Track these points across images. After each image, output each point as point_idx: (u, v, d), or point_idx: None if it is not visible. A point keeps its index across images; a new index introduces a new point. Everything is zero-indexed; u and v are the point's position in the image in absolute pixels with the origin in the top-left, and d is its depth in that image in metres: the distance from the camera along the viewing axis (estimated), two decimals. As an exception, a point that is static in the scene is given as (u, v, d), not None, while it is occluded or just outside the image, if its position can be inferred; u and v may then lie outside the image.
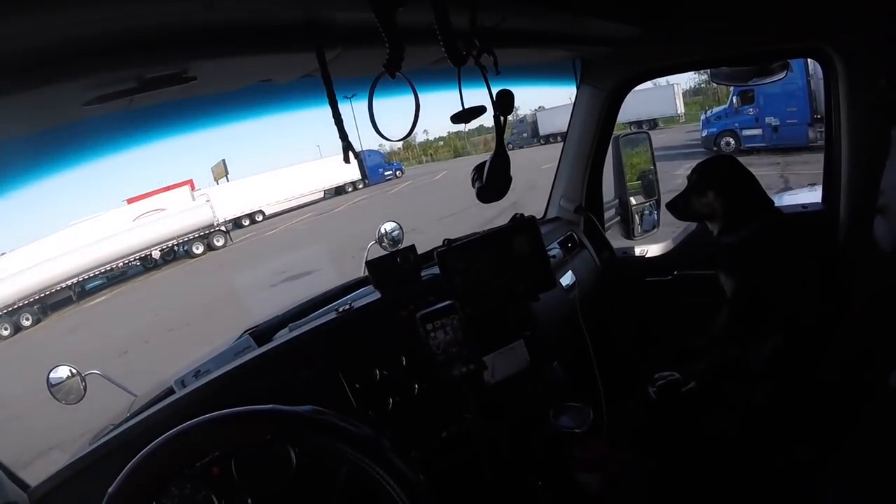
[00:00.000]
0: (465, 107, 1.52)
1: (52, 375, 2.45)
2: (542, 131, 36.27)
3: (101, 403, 2.63)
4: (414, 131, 1.51)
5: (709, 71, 3.41)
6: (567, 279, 2.92)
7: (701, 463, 2.43)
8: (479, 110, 1.55)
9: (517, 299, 2.32)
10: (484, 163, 1.81)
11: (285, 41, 1.47)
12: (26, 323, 21.32)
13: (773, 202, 2.65)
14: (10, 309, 21.22)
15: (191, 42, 1.31)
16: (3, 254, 24.27)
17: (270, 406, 1.43)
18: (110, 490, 1.31)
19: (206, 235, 25.25)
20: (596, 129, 3.23)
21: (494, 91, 1.55)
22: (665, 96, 30.57)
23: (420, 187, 28.66)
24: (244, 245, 24.53)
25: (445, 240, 2.25)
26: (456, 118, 1.55)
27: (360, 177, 33.12)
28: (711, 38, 2.75)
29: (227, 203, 26.90)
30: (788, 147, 16.95)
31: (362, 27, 1.35)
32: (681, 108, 32.25)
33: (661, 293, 3.33)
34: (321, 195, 32.07)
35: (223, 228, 25.97)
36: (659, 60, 3.02)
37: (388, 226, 3.14)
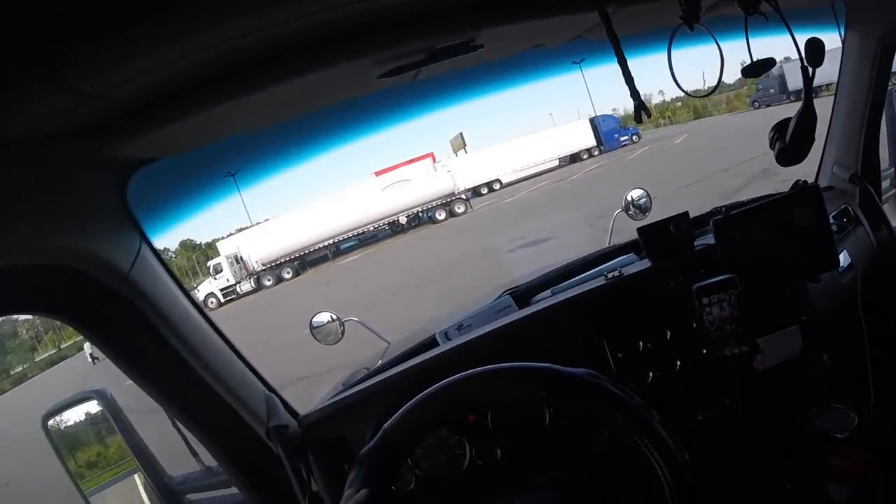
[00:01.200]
0: (753, 60, 1.41)
1: (314, 319, 2.65)
2: (792, 86, 31.86)
3: (345, 346, 2.80)
4: (719, 85, 1.43)
5: None
6: (842, 260, 2.47)
7: None
8: (769, 63, 1.42)
9: (797, 277, 2.07)
10: (787, 120, 1.64)
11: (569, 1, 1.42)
12: (287, 276, 25.48)
13: None
14: (274, 264, 25.30)
15: (480, 9, 1.31)
16: (267, 219, 28.58)
17: (548, 365, 1.46)
18: (386, 425, 1.45)
19: (447, 203, 26.75)
20: (869, 82, 2.70)
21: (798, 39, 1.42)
22: None
23: (658, 153, 27.17)
24: (483, 211, 25.32)
25: (720, 206, 2.12)
26: (747, 71, 1.45)
27: (594, 143, 32.47)
28: None
29: (466, 173, 28.06)
30: None
31: None
32: None
33: None
34: (556, 163, 31.77)
35: (463, 196, 27.21)
36: None
37: (635, 193, 2.96)
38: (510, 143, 31.28)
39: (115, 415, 1.96)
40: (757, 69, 1.43)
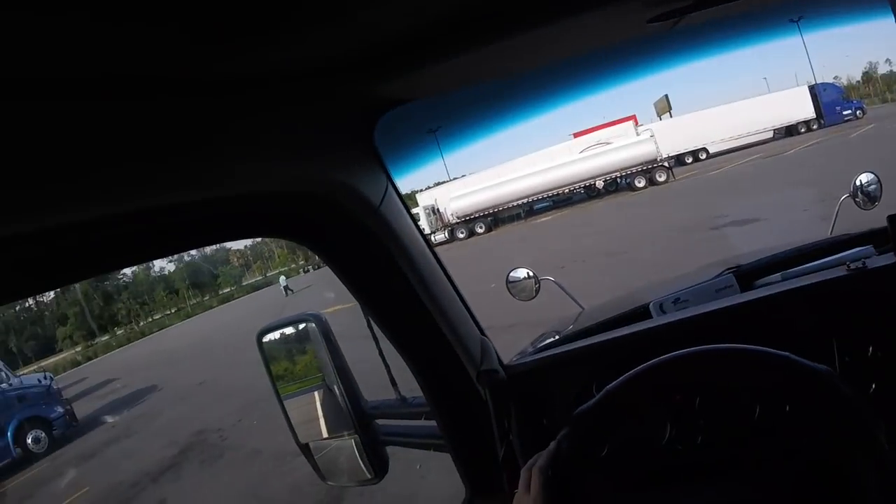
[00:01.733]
0: None
1: (511, 274, 2.73)
2: None
3: (530, 305, 2.89)
4: None
5: None
6: None
7: None
8: None
9: None
10: None
11: None
12: (480, 230, 26.91)
13: None
14: (468, 218, 26.74)
15: None
16: (464, 175, 29.72)
17: (787, 353, 1.35)
18: (609, 387, 1.42)
19: (648, 170, 26.06)
20: None
21: None
22: None
23: (888, 132, 24.52)
24: (686, 182, 24.51)
25: None
26: None
27: (813, 115, 29.82)
28: None
29: (670, 139, 27.11)
30: None
31: None
32: None
33: None
34: (770, 135, 29.89)
35: (666, 164, 26.42)
36: None
37: (865, 177, 2.66)
38: (719, 109, 29.62)
39: (326, 337, 2.02)
40: None
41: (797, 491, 1.35)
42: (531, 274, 2.73)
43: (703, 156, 29.05)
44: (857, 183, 2.60)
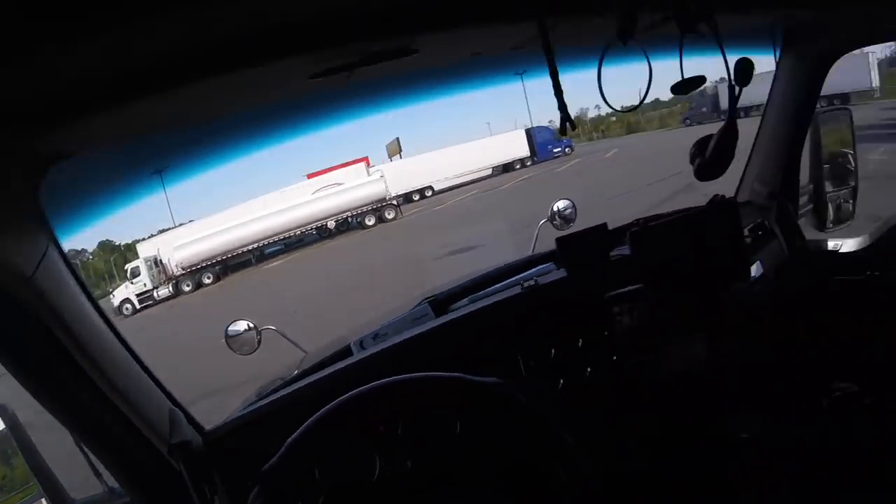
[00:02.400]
0: (684, 77, 1.46)
1: (230, 328, 2.59)
2: (724, 105, 32.38)
3: (264, 356, 2.75)
4: (645, 100, 1.51)
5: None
6: (755, 270, 2.67)
7: (876, 483, 2.20)
8: (699, 81, 1.47)
9: (708, 288, 2.18)
10: (708, 137, 1.71)
11: (507, 10, 1.43)
12: (207, 281, 24.35)
13: None
14: (195, 268, 24.30)
15: (416, 14, 1.32)
16: (191, 220, 27.60)
17: (458, 374, 1.47)
18: (290, 439, 1.42)
19: (377, 209, 26.38)
20: (797, 104, 2.87)
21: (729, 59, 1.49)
22: (857, 67, 26.28)
23: (590, 165, 27.93)
24: (413, 218, 25.32)
25: (639, 219, 2.16)
26: (676, 89, 1.48)
27: (528, 153, 33.05)
28: None
29: (399, 178, 27.87)
30: None
31: None
32: (876, 81, 28.06)
33: (851, 295, 2.92)
34: (489, 172, 32.14)
35: (394, 202, 26.99)
36: (874, 23, 2.57)
37: (561, 203, 3.07)
38: (445, 151, 31.39)
39: (15, 432, 1.89)
40: (687, 86, 1.48)
41: (504, 493, 1.50)
42: (251, 325, 2.63)
43: (430, 193, 30.18)
44: (555, 208, 2.98)
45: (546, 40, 1.38)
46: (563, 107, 1.40)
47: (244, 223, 24.97)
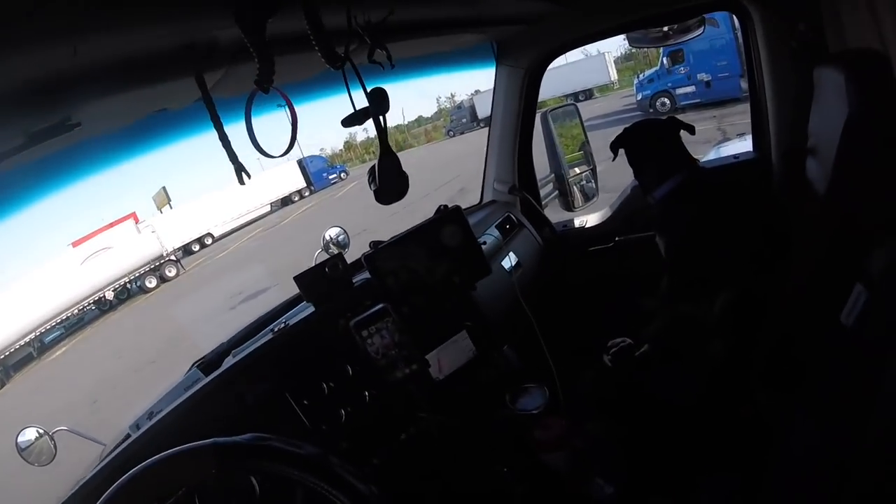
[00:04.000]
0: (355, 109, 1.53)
1: (20, 439, 2.37)
2: (481, 114, 35.84)
3: (77, 457, 2.55)
4: (293, 146, 1.52)
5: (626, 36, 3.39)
6: (509, 262, 2.91)
7: (667, 426, 2.43)
8: (365, 112, 1.54)
9: (454, 291, 2.33)
10: (373, 166, 1.78)
11: (166, 69, 1.44)
12: None
13: (692, 159, 2.71)
14: None
15: (67, 87, 1.27)
16: None
17: (210, 440, 1.41)
18: None
19: (157, 268, 24.78)
20: (519, 108, 3.22)
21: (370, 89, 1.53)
22: (597, 65, 30.60)
23: (367, 186, 27.77)
24: (197, 271, 24.24)
25: (371, 242, 2.26)
26: (346, 121, 1.55)
27: (304, 184, 33.21)
28: (622, 2, 2.76)
29: (173, 231, 26.43)
30: (723, 100, 17.55)
31: (239, 44, 1.32)
32: (614, 76, 32.48)
33: (606, 261, 3.34)
34: (268, 208, 31.77)
35: (173, 258, 25.53)
36: (572, 32, 3.01)
37: (333, 231, 3.11)
38: (218, 193, 30.02)
39: None
40: (355, 119, 1.56)
41: None
42: (41, 431, 2.39)
43: (210, 241, 29.00)
44: (327, 237, 2.98)
45: (206, 93, 1.46)
46: (233, 156, 1.49)
47: (10, 313, 22.06)
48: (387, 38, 1.48)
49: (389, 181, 1.78)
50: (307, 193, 33.11)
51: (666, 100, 19.73)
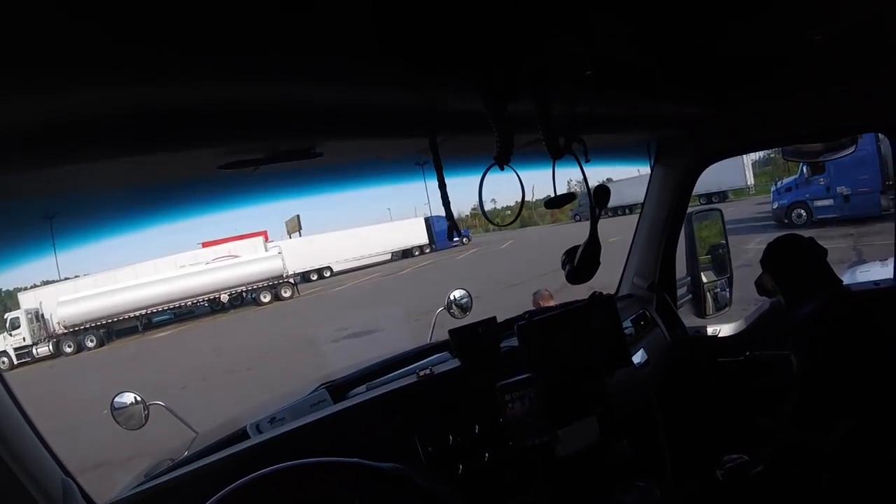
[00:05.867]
0: (557, 193, 1.68)
1: (117, 400, 2.53)
2: (611, 203, 34.77)
3: (153, 432, 2.71)
4: (519, 217, 1.79)
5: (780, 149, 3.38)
6: (639, 357, 2.86)
7: None
8: (569, 197, 1.70)
9: (593, 375, 2.33)
10: (576, 248, 1.94)
11: (403, 125, 1.63)
12: (90, 344, 22.76)
13: (838, 280, 2.65)
14: (77, 329, 22.65)
15: (322, 122, 1.47)
16: (77, 276, 25.70)
17: (357, 460, 1.49)
18: None
19: (274, 285, 25.85)
20: (670, 207, 3.22)
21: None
22: (734, 168, 29.00)
23: (486, 255, 28.66)
24: (310, 298, 24.85)
25: (526, 312, 2.34)
26: (549, 204, 1.71)
27: (426, 241, 33.82)
28: (782, 117, 2.78)
29: (297, 256, 27.64)
30: (861, 217, 16.13)
31: (470, 115, 1.49)
32: (750, 180, 31.29)
33: (733, 374, 3.22)
34: (389, 257, 32.50)
35: (291, 280, 26.56)
36: (732, 140, 3.05)
37: (457, 293, 3.24)
38: (346, 232, 31.49)
39: None
40: (559, 202, 1.72)
41: None
42: (139, 399, 2.54)
43: (328, 274, 30.06)
44: (451, 297, 3.13)
45: (436, 153, 1.60)
46: (450, 216, 1.63)
47: (133, 286, 23.69)
48: (580, 133, 1.62)
49: (587, 266, 1.94)
50: (428, 250, 33.59)
51: (802, 211, 18.59)
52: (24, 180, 1.35)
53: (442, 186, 1.60)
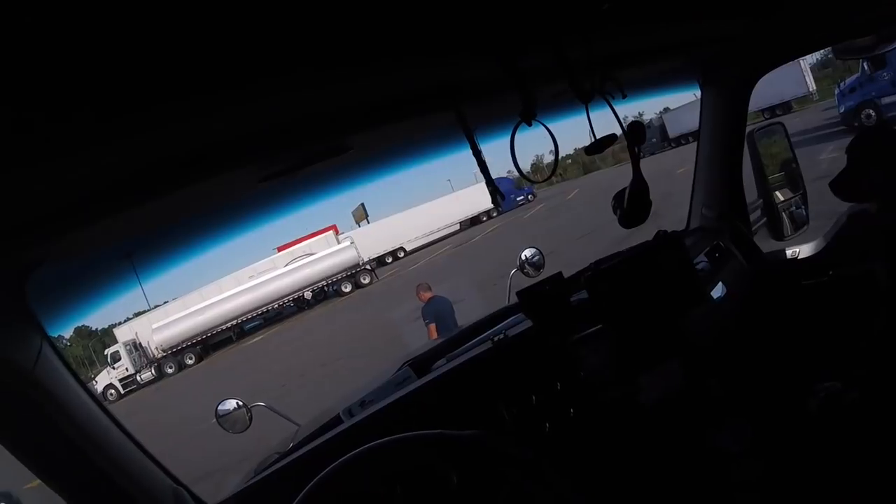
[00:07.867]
0: (596, 137, 1.59)
1: (220, 407, 2.64)
2: (672, 133, 34.42)
3: (259, 433, 2.81)
4: (555, 172, 1.74)
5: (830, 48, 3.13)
6: (718, 291, 2.74)
7: (871, 482, 2.21)
8: (610, 139, 1.60)
9: (667, 318, 2.26)
10: (623, 190, 1.86)
11: (428, 104, 1.62)
12: (189, 361, 24.15)
13: None
14: (176, 349, 24.01)
15: (347, 117, 1.47)
16: (166, 302, 27.26)
17: (437, 431, 1.51)
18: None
19: (352, 275, 26.44)
20: (726, 129, 3.03)
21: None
22: (792, 75, 27.09)
23: (553, 209, 28.50)
24: (389, 280, 25.22)
25: (592, 263, 2.27)
26: (590, 150, 1.61)
27: (493, 205, 33.05)
28: (827, 13, 2.56)
29: (369, 243, 28.21)
30: None
31: (489, 80, 1.49)
32: (812, 86, 29.25)
33: (819, 297, 3.01)
34: (457, 227, 32.79)
35: (368, 267, 27.10)
36: (778, 48, 2.85)
37: (528, 252, 3.22)
38: (411, 211, 31.94)
39: None
40: (599, 147, 1.60)
41: None
42: (241, 403, 2.67)
43: (402, 254, 30.55)
44: (523, 257, 3.12)
45: (465, 124, 1.57)
46: (489, 181, 1.58)
47: (220, 301, 24.81)
48: (609, 70, 1.55)
49: (637, 207, 1.87)
50: (495, 214, 33.40)
51: (871, 111, 16.97)
52: (107, 229, 1.38)
53: (477, 154, 1.58)
